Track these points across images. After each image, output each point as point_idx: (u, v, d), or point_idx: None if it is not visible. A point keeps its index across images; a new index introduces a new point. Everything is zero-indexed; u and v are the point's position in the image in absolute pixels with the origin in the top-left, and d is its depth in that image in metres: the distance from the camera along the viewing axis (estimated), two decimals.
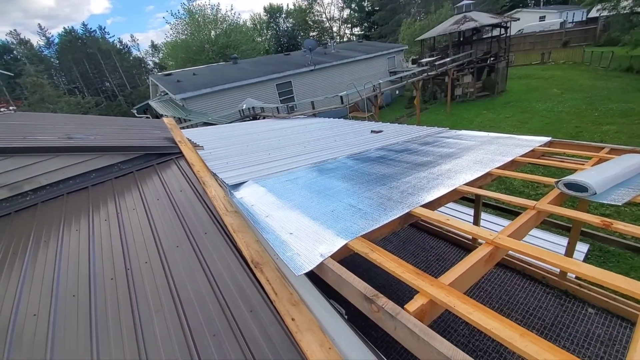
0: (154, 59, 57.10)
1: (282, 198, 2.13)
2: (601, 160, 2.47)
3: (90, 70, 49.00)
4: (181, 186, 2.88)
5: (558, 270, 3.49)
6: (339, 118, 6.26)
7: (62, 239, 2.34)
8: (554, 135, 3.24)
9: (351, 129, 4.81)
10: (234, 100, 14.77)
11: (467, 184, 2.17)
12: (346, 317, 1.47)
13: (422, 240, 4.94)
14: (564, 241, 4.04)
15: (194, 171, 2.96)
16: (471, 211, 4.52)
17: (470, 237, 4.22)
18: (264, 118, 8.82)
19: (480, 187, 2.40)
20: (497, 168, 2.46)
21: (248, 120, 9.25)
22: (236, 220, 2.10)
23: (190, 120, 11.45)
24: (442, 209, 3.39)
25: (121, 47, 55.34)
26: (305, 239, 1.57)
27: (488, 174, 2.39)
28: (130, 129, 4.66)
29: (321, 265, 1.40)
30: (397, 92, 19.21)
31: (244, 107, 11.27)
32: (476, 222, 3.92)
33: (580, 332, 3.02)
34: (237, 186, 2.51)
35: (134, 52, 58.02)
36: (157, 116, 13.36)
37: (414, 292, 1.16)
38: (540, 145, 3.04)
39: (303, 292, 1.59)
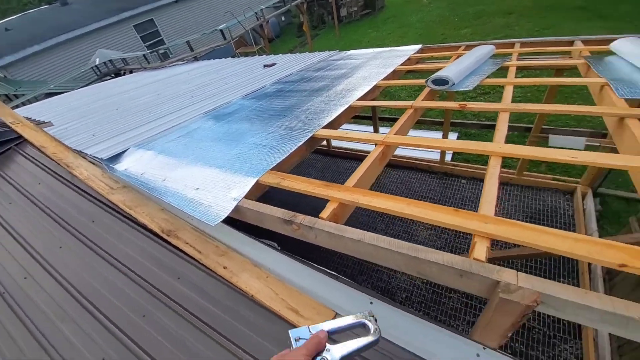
0: None
1: (177, 156, 1.88)
2: (459, 57, 2.90)
3: None
4: (37, 178, 2.24)
5: (438, 157, 4.34)
6: (225, 58, 5.54)
7: None
8: (425, 44, 3.60)
9: (241, 67, 4.36)
10: (79, 55, 11.33)
11: (359, 100, 2.31)
12: (279, 248, 1.54)
13: (337, 165, 5.35)
14: (439, 135, 4.95)
15: (49, 155, 2.30)
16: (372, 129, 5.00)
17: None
18: (130, 72, 7.12)
19: (372, 100, 2.60)
20: (382, 80, 2.65)
21: (110, 79, 7.36)
22: (128, 196, 1.80)
23: (24, 94, 8.46)
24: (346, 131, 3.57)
25: None
26: (214, 189, 1.47)
27: (376, 87, 2.58)
28: None
29: (238, 209, 1.36)
30: (283, 19, 17.82)
31: (97, 63, 8.78)
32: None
33: (458, 198, 3.98)
34: (115, 158, 2.09)
35: None
36: None
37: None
38: (414, 53, 3.36)
39: (230, 241, 1.56)
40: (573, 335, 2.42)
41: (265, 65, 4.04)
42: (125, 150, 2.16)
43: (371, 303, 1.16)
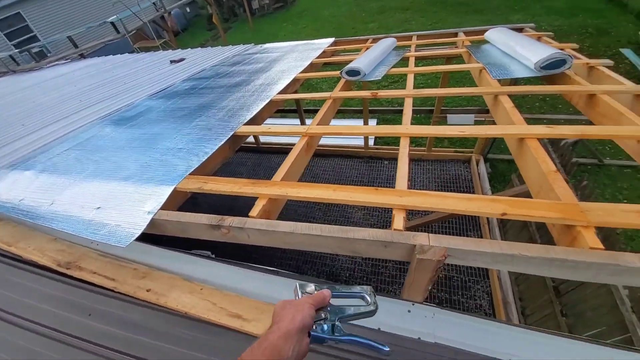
0: None
1: (67, 173, 1.56)
2: (367, 49, 3.10)
3: None
4: None
5: (362, 142, 4.65)
6: (122, 54, 4.80)
7: None
8: (338, 37, 3.75)
9: (143, 63, 3.85)
10: None
11: (280, 93, 2.28)
12: (213, 256, 1.43)
13: (269, 161, 5.27)
14: (361, 122, 5.30)
15: None
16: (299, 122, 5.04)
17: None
18: None
19: (293, 93, 2.60)
20: (301, 73, 2.67)
21: None
22: (5, 231, 1.43)
23: None
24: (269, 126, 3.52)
25: None
26: (121, 205, 1.27)
27: (295, 80, 2.58)
28: None
29: (154, 223, 1.21)
30: (188, 10, 16.32)
31: None
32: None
33: (383, 177, 4.35)
34: None
35: None
36: None
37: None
38: (328, 46, 3.48)
39: (152, 260, 1.38)
40: (482, 276, 2.95)
41: (172, 61, 3.65)
42: None
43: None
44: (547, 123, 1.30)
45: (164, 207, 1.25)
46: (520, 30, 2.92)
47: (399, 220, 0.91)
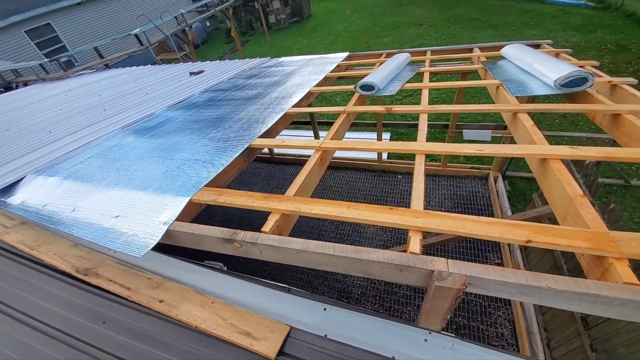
0: None
1: (89, 180, 1.62)
2: (381, 64, 3.13)
3: None
4: None
5: (376, 156, 4.63)
6: (145, 65, 5.02)
7: None
8: (352, 52, 3.81)
9: (164, 75, 4.00)
10: None
11: (294, 106, 2.31)
12: (225, 268, 1.43)
13: (283, 172, 5.31)
14: (375, 135, 5.29)
15: None
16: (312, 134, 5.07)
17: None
18: (24, 85, 5.94)
19: (307, 106, 2.63)
20: (315, 86, 2.71)
21: None
22: (28, 234, 1.48)
23: None
24: (287, 137, 3.54)
25: None
26: (138, 215, 1.30)
27: (310, 93, 2.62)
28: None
29: (170, 234, 1.23)
30: (208, 24, 16.99)
31: None
32: (316, 138, 4.46)
33: (397, 192, 4.30)
34: (8, 190, 1.71)
35: None
36: None
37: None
38: (342, 60, 3.53)
39: (165, 270, 1.40)
40: (504, 302, 2.80)
41: (191, 73, 3.78)
42: (20, 179, 1.78)
43: (325, 310, 1.16)
44: (567, 141, 1.26)
45: (179, 218, 1.27)
46: (537, 46, 2.88)
47: (415, 243, 0.89)
